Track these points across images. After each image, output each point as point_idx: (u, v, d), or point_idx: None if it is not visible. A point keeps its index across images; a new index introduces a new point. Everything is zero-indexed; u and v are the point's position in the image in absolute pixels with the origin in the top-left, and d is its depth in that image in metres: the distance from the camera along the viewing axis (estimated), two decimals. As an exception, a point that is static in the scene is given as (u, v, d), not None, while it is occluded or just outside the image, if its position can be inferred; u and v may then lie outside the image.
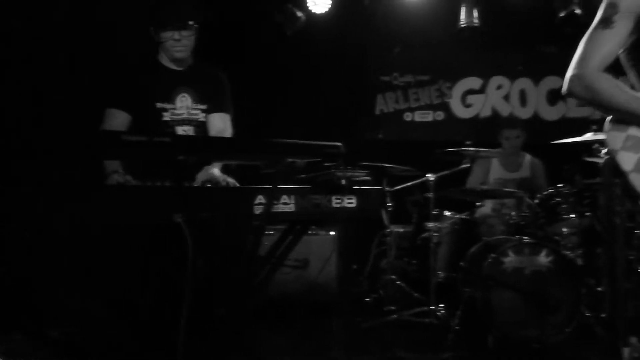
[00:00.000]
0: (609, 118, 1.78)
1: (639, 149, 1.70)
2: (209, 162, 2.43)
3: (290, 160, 1.81)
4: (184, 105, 2.80)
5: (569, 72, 1.81)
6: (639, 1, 1.76)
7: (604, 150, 1.77)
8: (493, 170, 4.80)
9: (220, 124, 2.87)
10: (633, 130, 1.72)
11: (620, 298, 2.05)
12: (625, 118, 1.74)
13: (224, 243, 2.34)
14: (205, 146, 1.83)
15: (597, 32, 1.79)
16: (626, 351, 3.04)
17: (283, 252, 2.38)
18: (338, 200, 1.98)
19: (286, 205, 1.89)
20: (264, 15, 5.42)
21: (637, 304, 3.49)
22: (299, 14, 5.39)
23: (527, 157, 4.81)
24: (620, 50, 1.83)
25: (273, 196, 1.82)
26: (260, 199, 1.82)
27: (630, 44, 1.82)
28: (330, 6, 5.40)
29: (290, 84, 5.75)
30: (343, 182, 1.98)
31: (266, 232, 3.59)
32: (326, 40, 5.71)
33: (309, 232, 4.22)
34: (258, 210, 1.84)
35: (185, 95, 2.81)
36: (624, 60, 1.88)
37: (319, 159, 1.92)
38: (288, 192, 1.87)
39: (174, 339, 1.83)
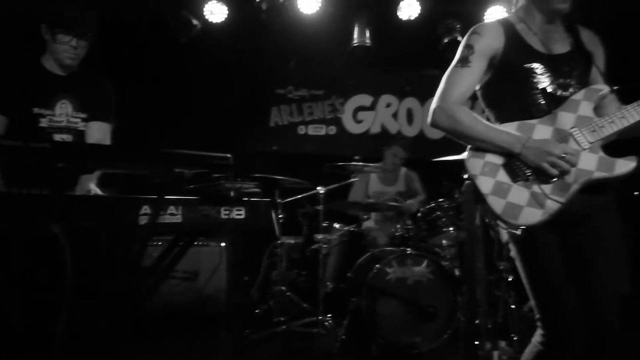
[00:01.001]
0: (469, 146, 1.95)
1: (495, 173, 1.89)
2: (91, 171, 2.34)
3: (177, 170, 1.79)
4: (63, 112, 2.66)
5: (432, 105, 1.99)
6: (492, 45, 1.99)
7: (465, 176, 1.93)
8: (372, 184, 4.99)
9: (99, 134, 2.76)
10: (490, 157, 1.91)
11: (478, 306, 2.22)
12: (482, 146, 1.92)
13: (106, 254, 2.26)
14: (87, 154, 1.76)
15: (456, 70, 1.99)
16: (495, 354, 3.29)
17: (170, 263, 2.33)
18: (226, 212, 1.98)
19: (173, 216, 1.85)
20: (158, 21, 5.29)
21: (506, 310, 3.78)
22: (195, 21, 5.32)
23: (403, 170, 5.06)
24: (477, 87, 2.04)
25: (159, 207, 1.78)
26: (145, 209, 1.78)
27: (485, 82, 2.03)
28: (227, 16, 5.39)
29: (184, 93, 5.66)
30: (232, 193, 1.98)
31: (155, 243, 3.54)
32: (222, 49, 5.69)
33: (200, 243, 4.20)
34: (143, 220, 1.79)
35: (66, 102, 2.67)
36: (480, 97, 2.09)
37: (207, 170, 1.91)
38: (175, 202, 1.84)
39: (50, 355, 1.74)
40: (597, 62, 2.02)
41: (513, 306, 3.80)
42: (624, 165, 1.82)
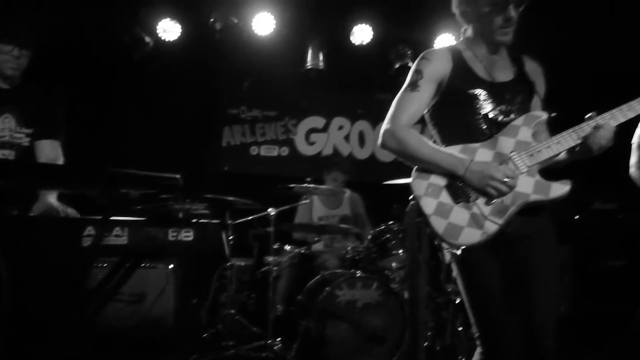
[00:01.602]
0: (415, 167, 2.00)
1: (438, 195, 1.94)
2: (34, 190, 2.26)
3: (124, 190, 1.75)
4: (6, 127, 2.57)
5: (383, 127, 2.05)
6: (440, 70, 2.06)
7: (410, 196, 1.98)
8: (316, 208, 4.98)
9: (52, 153, 2.67)
10: (434, 179, 1.97)
11: (421, 329, 2.25)
12: (428, 167, 1.98)
13: (48, 276, 2.18)
14: (29, 172, 1.70)
15: (405, 94, 2.06)
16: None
17: (115, 285, 2.27)
18: (174, 233, 1.95)
19: (118, 237, 1.81)
20: (110, 38, 5.20)
21: (453, 332, 3.84)
22: (147, 39, 5.26)
23: (347, 194, 5.07)
24: (425, 111, 2.11)
25: (104, 228, 1.73)
26: (89, 230, 1.73)
27: (432, 105, 2.10)
28: (180, 34, 5.35)
29: (135, 111, 5.55)
30: (180, 214, 1.95)
31: (100, 265, 3.43)
32: (175, 67, 5.62)
33: (147, 265, 4.08)
34: (87, 242, 1.74)
35: (9, 116, 2.59)
36: (427, 119, 2.16)
37: (155, 191, 1.87)
38: (121, 223, 1.80)
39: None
40: (538, 90, 2.13)
41: (460, 328, 3.87)
42: (559, 189, 1.90)
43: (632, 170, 3.14)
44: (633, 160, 3.13)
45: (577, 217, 4.83)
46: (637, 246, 3.14)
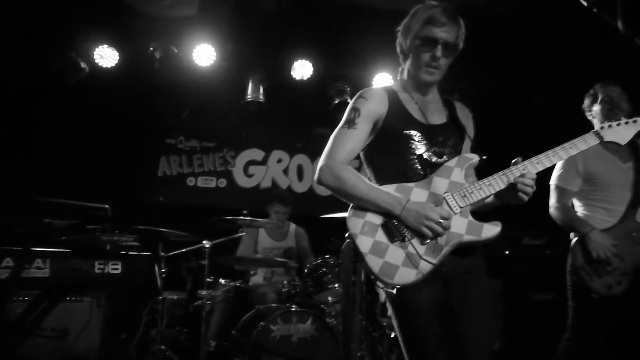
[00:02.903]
0: (351, 205, 2.01)
1: (374, 233, 1.95)
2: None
3: (47, 220, 1.67)
4: None
5: (320, 163, 2.05)
6: (376, 110, 2.10)
7: (346, 234, 1.98)
8: (261, 239, 4.96)
9: None
10: (370, 217, 1.98)
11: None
12: (364, 205, 1.99)
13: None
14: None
15: (342, 131, 2.09)
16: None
17: (35, 320, 2.15)
18: (101, 266, 1.87)
19: (39, 269, 1.71)
20: (44, 61, 5.03)
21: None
22: (83, 64, 5.12)
23: (292, 227, 5.10)
24: (361, 148, 2.13)
25: (23, 259, 1.64)
26: (7, 261, 1.64)
27: (368, 145, 2.13)
28: (117, 61, 5.24)
29: (69, 137, 5.36)
30: (108, 246, 1.88)
31: (20, 298, 3.24)
32: (111, 95, 5.49)
33: (71, 298, 3.89)
34: (4, 274, 1.64)
35: None
36: (363, 158, 2.19)
37: (81, 221, 1.80)
38: (42, 255, 1.71)
39: None
40: (469, 134, 2.21)
41: (394, 363, 3.88)
42: (490, 230, 1.95)
43: (552, 210, 3.31)
44: (552, 200, 3.31)
45: (507, 252, 4.99)
46: (564, 281, 3.28)
